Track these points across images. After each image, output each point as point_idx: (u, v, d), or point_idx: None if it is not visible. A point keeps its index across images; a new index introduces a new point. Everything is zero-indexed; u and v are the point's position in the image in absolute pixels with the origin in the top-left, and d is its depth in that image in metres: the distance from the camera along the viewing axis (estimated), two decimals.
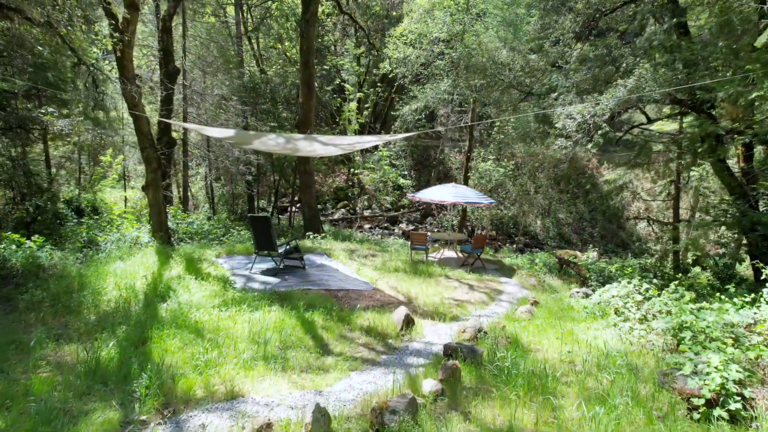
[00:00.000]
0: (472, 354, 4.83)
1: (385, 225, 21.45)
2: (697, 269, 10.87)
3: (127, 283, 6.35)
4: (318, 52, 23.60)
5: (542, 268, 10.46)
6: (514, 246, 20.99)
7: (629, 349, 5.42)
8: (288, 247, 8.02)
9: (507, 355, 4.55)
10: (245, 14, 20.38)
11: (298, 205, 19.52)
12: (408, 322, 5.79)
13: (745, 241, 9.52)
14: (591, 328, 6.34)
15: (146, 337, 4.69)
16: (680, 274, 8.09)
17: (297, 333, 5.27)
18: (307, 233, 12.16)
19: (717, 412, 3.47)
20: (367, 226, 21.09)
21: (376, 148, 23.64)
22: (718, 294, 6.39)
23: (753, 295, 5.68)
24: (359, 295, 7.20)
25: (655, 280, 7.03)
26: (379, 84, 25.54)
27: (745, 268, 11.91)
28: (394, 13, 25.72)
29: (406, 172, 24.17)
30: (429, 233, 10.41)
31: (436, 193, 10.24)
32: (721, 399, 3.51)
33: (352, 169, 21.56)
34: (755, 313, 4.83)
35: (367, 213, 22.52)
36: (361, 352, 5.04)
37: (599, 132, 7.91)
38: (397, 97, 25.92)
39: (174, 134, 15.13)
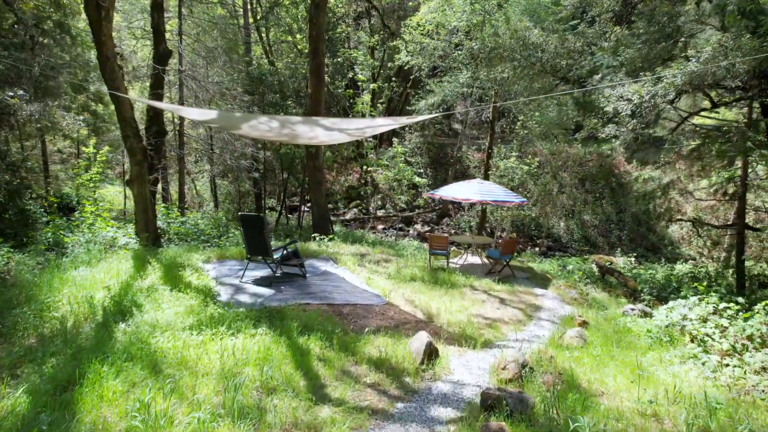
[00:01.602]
0: (521, 405, 3.52)
1: (400, 226, 20.19)
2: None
3: (84, 295, 5.20)
4: (329, 42, 22.48)
5: (582, 277, 9.04)
6: (537, 249, 19.57)
7: (729, 396, 4.05)
8: (285, 251, 6.80)
9: (582, 422, 3.19)
10: (254, 2, 19.35)
11: (308, 204, 18.39)
12: (430, 353, 4.49)
13: None
14: (663, 360, 4.97)
15: (79, 376, 3.49)
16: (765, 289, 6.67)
17: (285, 368, 4.02)
18: (313, 234, 10.96)
19: None
20: (380, 226, 19.89)
21: (390, 143, 22.39)
22: None
23: None
24: (369, 312, 5.94)
25: (741, 299, 5.61)
26: (393, 78, 24.29)
27: None
28: (411, 3, 24.44)
29: (421, 170, 22.86)
30: (447, 236, 9.10)
31: (459, 191, 8.91)
32: None
33: (365, 167, 20.34)
34: None
35: (380, 213, 21.29)
36: (368, 399, 3.76)
37: (661, 116, 6.49)
38: (412, 92, 24.65)
39: (170, 125, 14.06)
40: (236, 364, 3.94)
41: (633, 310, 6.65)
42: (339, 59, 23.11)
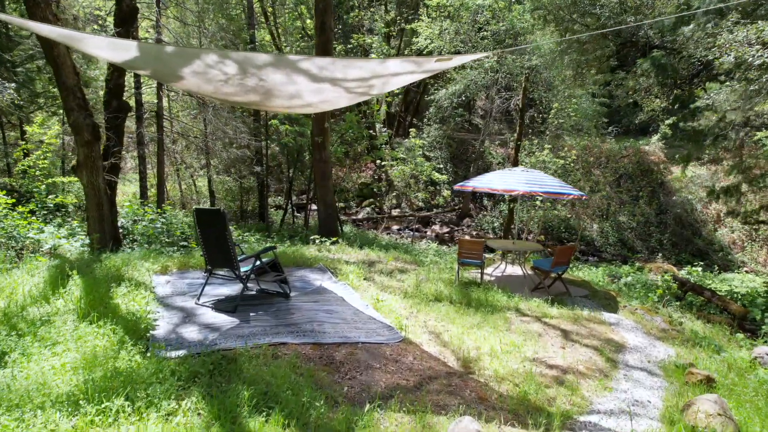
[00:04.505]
0: None
1: (416, 227, 18.17)
2: None
3: None
4: (342, 23, 20.61)
5: (662, 297, 6.84)
6: None
7: None
8: (259, 263, 4.79)
9: None
10: None
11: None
12: None
13: None
14: None
15: None
16: None
17: None
18: (313, 236, 9.00)
19: None
20: (395, 227, 17.91)
21: (407, 135, 20.32)
22: None
23: None
24: (375, 357, 3.91)
25: None
26: None
27: None
28: None
29: (441, 166, 20.80)
30: (483, 240, 7.04)
31: (498, 180, 6.82)
32: None
33: (378, 160, 18.36)
34: None
35: (395, 212, 19.31)
36: None
37: None
38: (431, 81, 22.70)
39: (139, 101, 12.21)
40: None
41: None
42: (352, 45, 21.27)
